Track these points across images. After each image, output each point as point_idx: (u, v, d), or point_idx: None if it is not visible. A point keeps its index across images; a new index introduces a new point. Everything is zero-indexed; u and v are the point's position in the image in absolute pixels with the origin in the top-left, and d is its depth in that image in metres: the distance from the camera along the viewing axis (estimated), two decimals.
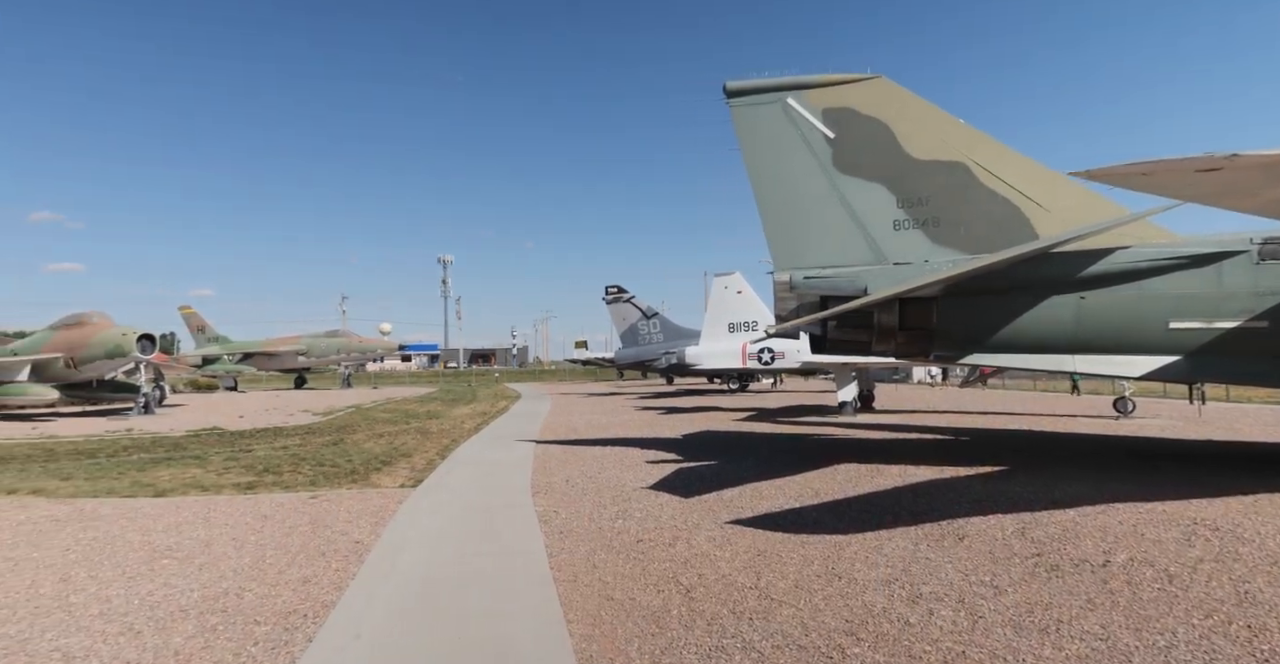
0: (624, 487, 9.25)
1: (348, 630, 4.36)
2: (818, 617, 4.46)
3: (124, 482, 9.73)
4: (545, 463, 11.56)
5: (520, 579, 5.46)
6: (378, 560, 5.94)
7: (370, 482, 9.75)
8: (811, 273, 9.59)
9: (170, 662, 3.91)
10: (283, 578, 5.45)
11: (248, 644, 4.14)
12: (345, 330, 50.24)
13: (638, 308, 36.02)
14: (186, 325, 50.29)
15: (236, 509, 8.00)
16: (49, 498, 8.75)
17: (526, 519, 7.54)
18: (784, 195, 9.85)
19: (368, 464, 11.17)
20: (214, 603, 4.86)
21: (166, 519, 7.48)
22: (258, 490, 9.16)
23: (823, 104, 9.59)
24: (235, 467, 10.96)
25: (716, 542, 6.40)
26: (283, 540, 6.60)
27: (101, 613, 4.66)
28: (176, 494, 8.92)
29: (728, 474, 10.03)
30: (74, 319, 24.59)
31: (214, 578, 5.43)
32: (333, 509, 7.98)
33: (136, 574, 5.53)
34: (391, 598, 5.00)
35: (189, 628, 4.40)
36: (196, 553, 6.15)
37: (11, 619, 4.56)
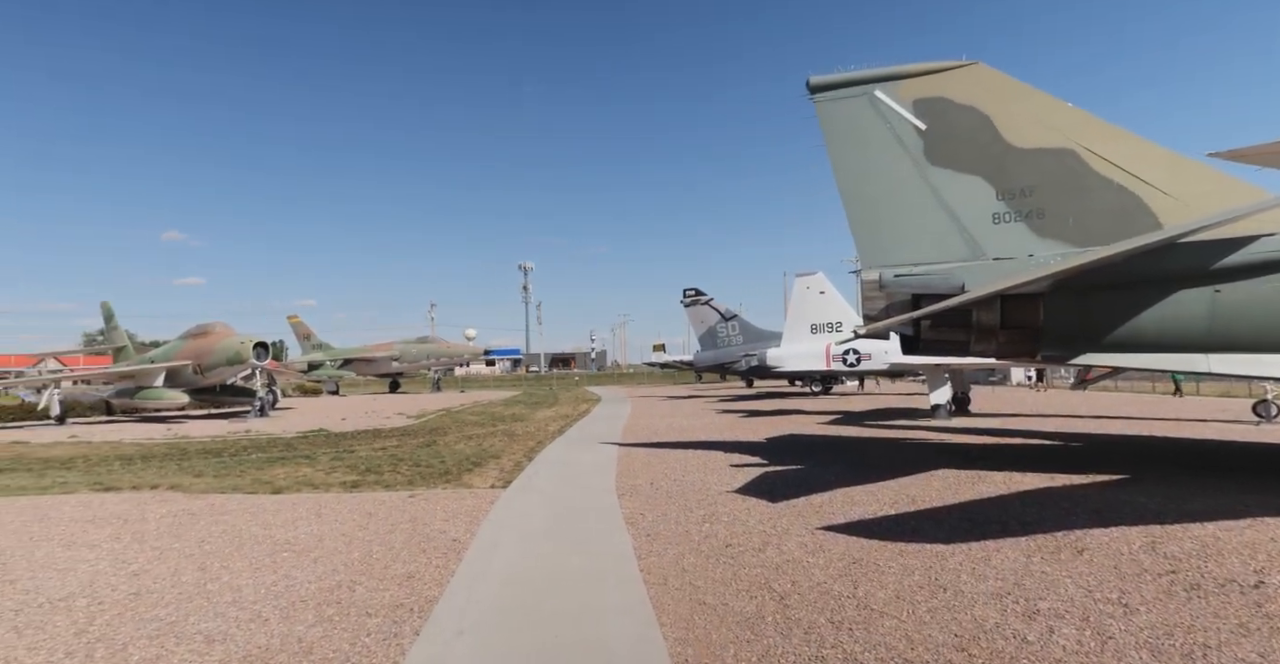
0: (709, 490, 9.17)
1: (451, 626, 4.53)
2: (923, 629, 4.24)
3: (246, 479, 10.54)
4: (629, 465, 11.64)
5: (611, 580, 5.51)
6: (474, 558, 6.15)
7: (463, 482, 10.13)
8: (902, 271, 9.19)
9: (295, 648, 4.19)
10: (389, 573, 5.73)
11: (361, 635, 4.38)
12: (434, 336, 52.65)
13: (716, 310, 35.76)
14: (294, 333, 54.12)
15: (344, 506, 8.50)
16: (185, 493, 9.61)
17: (614, 521, 7.60)
18: (872, 191, 9.48)
19: (460, 465, 11.61)
20: (329, 594, 5.18)
21: (284, 515, 8.04)
22: (362, 489, 9.69)
23: (913, 95, 9.17)
24: (341, 466, 11.65)
25: (808, 548, 6.22)
26: (386, 537, 6.94)
27: (234, 600, 5.06)
28: (291, 491, 9.57)
29: (816, 479, 9.76)
30: (200, 329, 27.01)
31: (328, 571, 5.78)
32: (430, 508, 8.34)
33: (261, 565, 5.96)
34: (489, 596, 5.16)
35: (309, 617, 4.70)
36: (311, 547, 6.57)
37: (161, 603, 5.02)
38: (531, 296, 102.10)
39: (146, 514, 8.20)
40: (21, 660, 4.05)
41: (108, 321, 33.48)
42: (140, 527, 7.53)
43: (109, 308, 33.03)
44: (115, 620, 4.68)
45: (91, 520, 7.89)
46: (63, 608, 4.95)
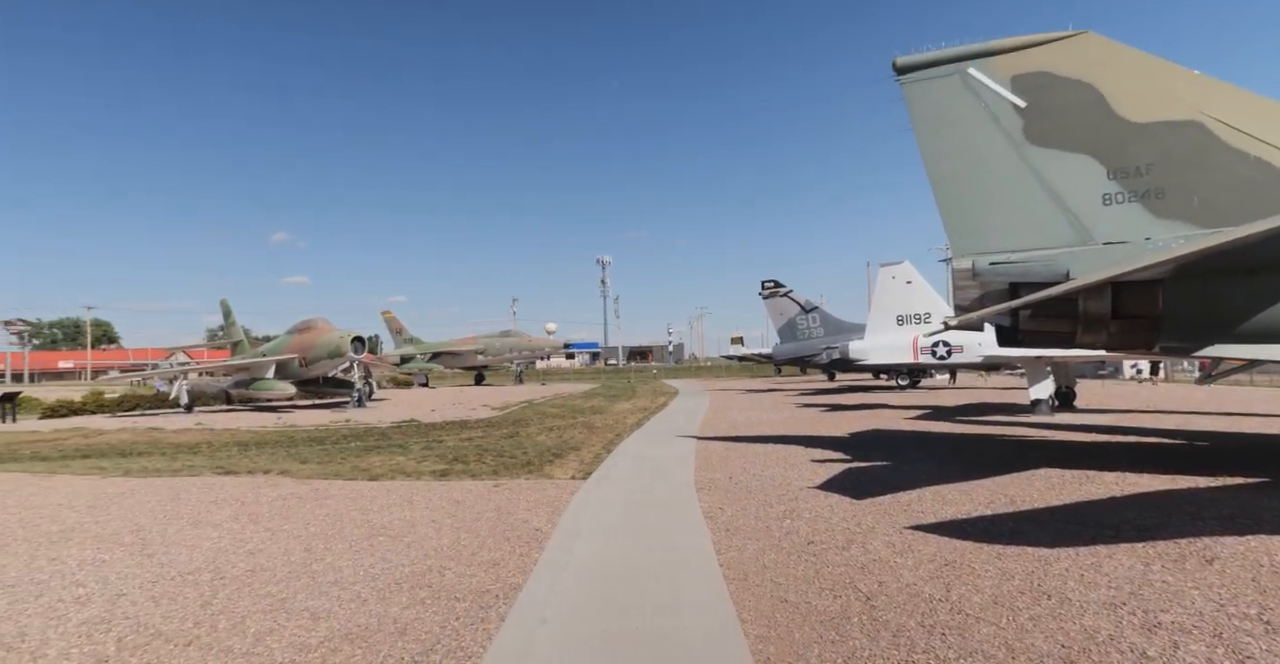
0: (789, 485, 8.98)
1: (534, 614, 4.64)
2: (1025, 638, 3.98)
3: (346, 466, 11.23)
4: (707, 459, 11.57)
5: (691, 575, 5.48)
6: (556, 548, 6.28)
7: (544, 473, 10.37)
8: (998, 258, 8.61)
9: (390, 627, 4.42)
10: (475, 559, 5.95)
11: (450, 618, 4.56)
12: (517, 331, 54.21)
13: (795, 302, 34.91)
14: (387, 328, 57.18)
15: (434, 494, 8.89)
16: (293, 478, 10.34)
17: (692, 515, 7.57)
18: (965, 175, 8.92)
19: (541, 456, 11.90)
20: (421, 578, 5.43)
21: (379, 501, 8.50)
22: (450, 478, 10.11)
23: (1012, 71, 8.53)
24: (430, 456, 12.20)
25: (896, 548, 5.97)
26: (473, 525, 7.21)
27: (336, 581, 5.39)
28: (386, 479, 10.11)
29: (903, 476, 9.36)
30: (304, 325, 29.00)
31: (420, 556, 6.07)
32: (513, 498, 8.59)
33: (359, 548, 6.33)
34: (571, 585, 5.25)
35: (403, 599, 4.95)
36: (404, 532, 6.91)
37: (273, 580, 5.43)
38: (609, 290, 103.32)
39: (260, 497, 8.89)
40: (158, 627, 4.47)
41: (226, 318, 36.56)
42: (255, 508, 8.17)
43: (227, 305, 36.04)
44: (235, 594, 5.09)
45: (214, 501, 8.63)
46: (191, 581, 5.44)
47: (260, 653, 4.06)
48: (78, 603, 4.96)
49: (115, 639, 4.28)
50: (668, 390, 36.62)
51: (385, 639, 4.23)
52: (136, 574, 5.63)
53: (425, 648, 4.10)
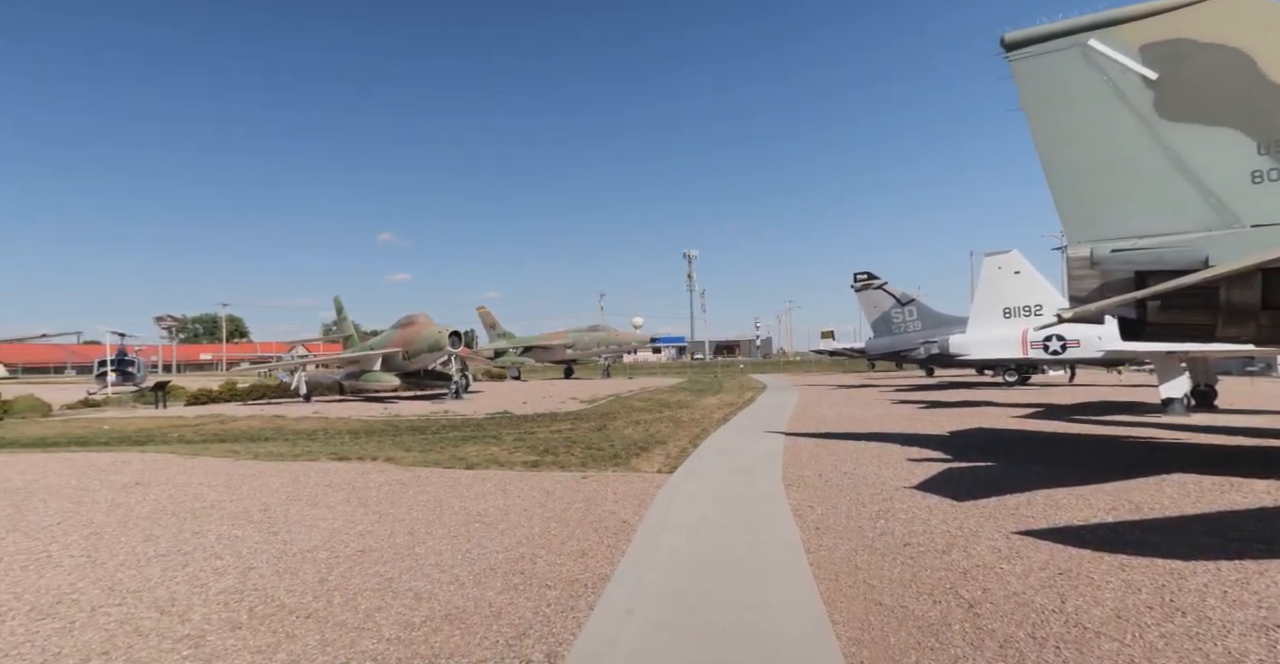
0: (884, 484, 8.62)
1: (622, 604, 4.70)
2: (1155, 658, 3.62)
3: (444, 455, 11.82)
4: (796, 455, 11.31)
5: (779, 572, 5.38)
6: (643, 540, 6.34)
7: (631, 466, 10.49)
8: (1122, 245, 7.84)
9: (486, 610, 4.61)
10: (565, 548, 6.10)
11: (542, 605, 4.70)
12: (604, 325, 55.13)
13: (890, 294, 33.42)
14: (482, 323, 59.71)
15: (525, 484, 9.20)
16: (397, 465, 11.00)
17: (780, 512, 7.42)
18: (1084, 156, 8.17)
19: (628, 449, 12.03)
20: (514, 565, 5.63)
21: (475, 488, 8.89)
22: (540, 468, 10.42)
23: (1142, 39, 7.71)
24: (522, 447, 12.63)
25: (1002, 553, 5.60)
26: (562, 514, 7.39)
27: (437, 564, 5.69)
28: (481, 468, 10.56)
29: (1010, 478, 8.77)
30: (406, 320, 30.78)
31: (513, 543, 6.29)
32: (601, 489, 8.75)
33: (457, 534, 6.64)
34: (658, 578, 5.28)
35: (498, 584, 5.15)
36: (498, 520, 7.19)
37: (381, 561, 5.80)
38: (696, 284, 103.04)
39: (369, 482, 9.51)
40: (282, 600, 4.89)
41: (339, 313, 39.39)
42: (364, 493, 8.75)
43: (339, 302, 38.85)
44: (347, 573, 5.48)
45: (329, 485, 9.32)
46: (309, 558, 5.90)
47: (370, 628, 4.34)
48: (216, 573, 5.50)
49: (247, 608, 4.71)
50: (755, 385, 36.08)
51: (481, 622, 4.42)
52: (264, 549, 6.18)
53: (518, 632, 4.24)
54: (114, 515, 7.65)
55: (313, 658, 3.93)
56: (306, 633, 4.28)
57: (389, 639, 4.17)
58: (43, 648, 4.10)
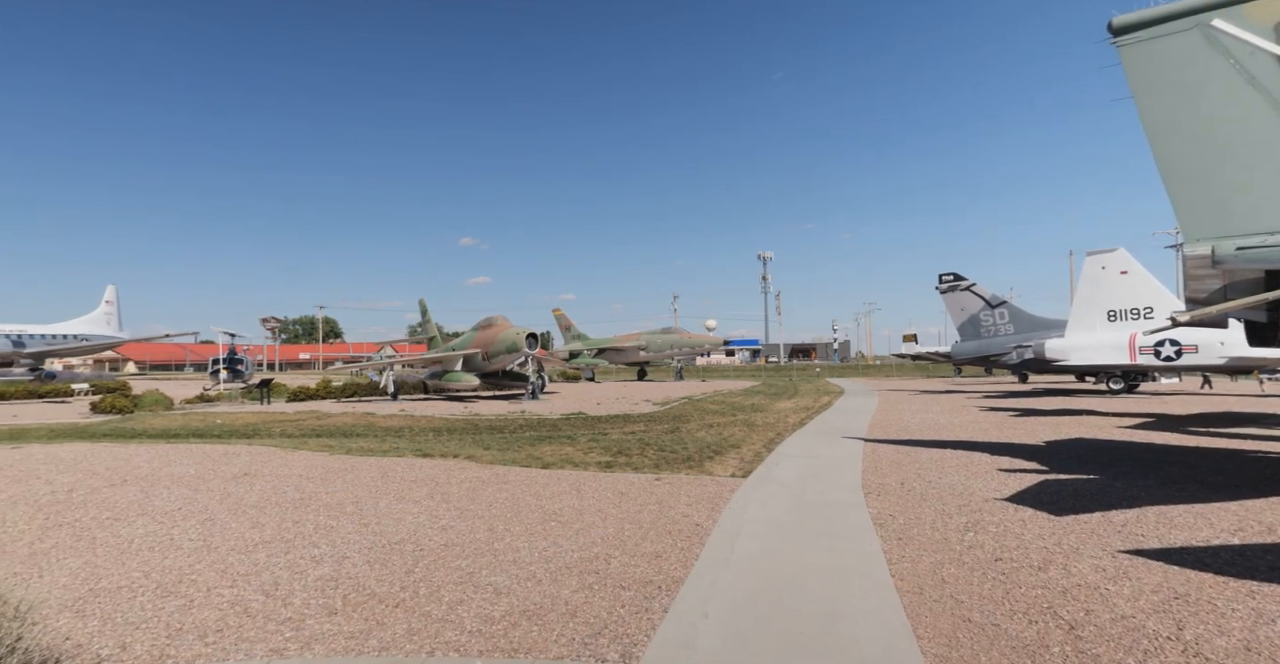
0: (971, 495, 8.18)
1: (697, 608, 4.68)
2: None
3: (521, 454, 12.13)
4: (875, 462, 10.91)
5: (860, 582, 5.20)
6: (717, 544, 6.28)
7: (704, 469, 10.42)
8: (1250, 242, 7.11)
9: (563, 609, 4.70)
10: (639, 550, 6.13)
11: (617, 605, 4.74)
12: (677, 327, 55.09)
13: (979, 296, 31.71)
14: (557, 325, 60.96)
15: (599, 484, 9.31)
16: (477, 462, 11.39)
17: (860, 520, 7.18)
18: (1206, 145, 7.46)
19: (701, 452, 11.97)
20: (589, 564, 5.70)
21: (550, 488, 9.08)
22: (614, 469, 10.52)
23: (1276, 17, 7.00)
24: (596, 447, 12.79)
25: (1108, 573, 5.20)
26: (636, 516, 7.43)
27: (515, 560, 5.84)
28: (556, 467, 10.77)
29: (1116, 493, 8.13)
30: (486, 322, 31.84)
31: (588, 543, 6.38)
32: (674, 492, 8.74)
33: (534, 532, 6.80)
34: (733, 583, 5.22)
35: (573, 583, 5.24)
36: (573, 519, 7.31)
37: (462, 556, 6.02)
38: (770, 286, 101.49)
39: (450, 478, 9.89)
40: (373, 589, 5.15)
41: (423, 315, 41.23)
42: (446, 489, 9.11)
43: (424, 304, 40.64)
44: (432, 566, 5.72)
45: (415, 480, 9.76)
46: (397, 550, 6.19)
47: (453, 620, 4.51)
48: (314, 561, 5.87)
49: (341, 596, 5.00)
50: (832, 389, 35.10)
51: (558, 619, 4.50)
52: (356, 540, 6.54)
53: (593, 631, 4.30)
54: (225, 503, 8.29)
55: (401, 645, 4.12)
56: (395, 621, 4.49)
57: (470, 631, 4.32)
58: (167, 623, 4.49)
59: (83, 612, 4.69)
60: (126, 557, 6.05)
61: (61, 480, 9.92)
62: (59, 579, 5.41)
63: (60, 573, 5.58)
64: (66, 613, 4.66)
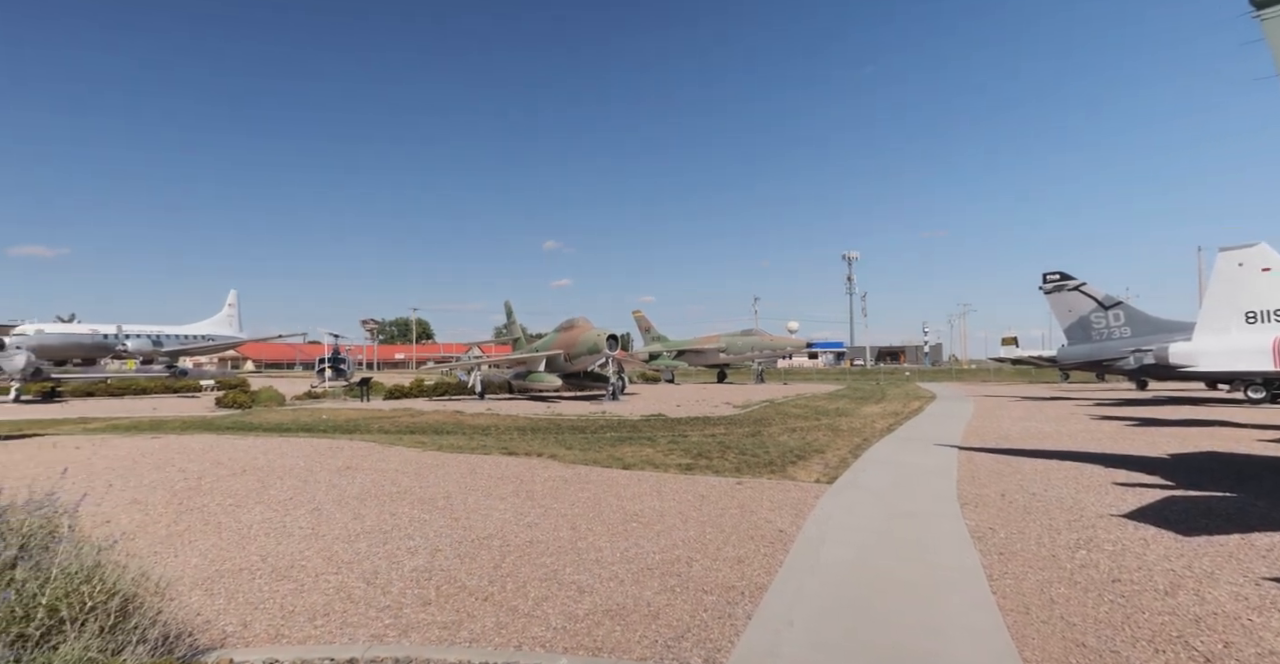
0: (1083, 510, 7.57)
1: (781, 615, 4.56)
2: None
3: (603, 454, 12.28)
4: (972, 472, 10.31)
5: (957, 598, 4.91)
6: (802, 551, 6.11)
7: (787, 474, 10.18)
8: None
9: (645, 610, 4.71)
10: (721, 554, 6.06)
11: (699, 609, 4.70)
12: (758, 329, 54.26)
13: (1090, 296, 29.33)
14: (637, 327, 61.39)
15: (680, 486, 9.28)
16: (560, 462, 11.63)
17: (955, 532, 6.80)
18: None
19: (784, 456, 11.70)
20: (671, 567, 5.69)
21: (631, 489, 9.13)
22: (694, 472, 10.47)
23: None
24: (676, 449, 12.77)
25: (1250, 602, 4.67)
26: (717, 520, 7.36)
27: (597, 560, 5.91)
28: (637, 469, 10.83)
29: (1258, 513, 7.30)
30: (568, 324, 32.52)
31: (669, 545, 6.37)
32: (756, 496, 8.58)
33: (615, 532, 6.86)
34: (818, 591, 5.06)
35: (655, 585, 5.24)
36: (654, 521, 7.32)
37: (546, 553, 6.15)
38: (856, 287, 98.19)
39: (535, 476, 10.15)
40: (463, 581, 5.35)
41: (509, 317, 42.60)
42: (531, 487, 9.35)
43: (510, 306, 41.99)
44: (517, 562, 5.88)
45: (501, 478, 10.08)
46: (485, 545, 6.41)
47: (539, 616, 4.61)
48: (409, 553, 6.17)
49: (434, 587, 5.22)
50: (923, 394, 33.50)
51: (640, 620, 4.51)
52: (447, 534, 6.82)
53: (676, 634, 4.27)
54: (330, 494, 8.86)
55: (490, 638, 4.25)
56: (484, 614, 4.64)
57: (555, 628, 4.40)
58: (280, 605, 4.84)
59: (211, 590, 5.14)
60: (246, 541, 6.58)
61: (192, 469, 10.92)
62: (190, 559, 5.95)
63: (191, 554, 6.14)
64: (197, 591, 5.11)
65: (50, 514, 3.86)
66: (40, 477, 9.47)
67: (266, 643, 4.18)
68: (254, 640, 4.21)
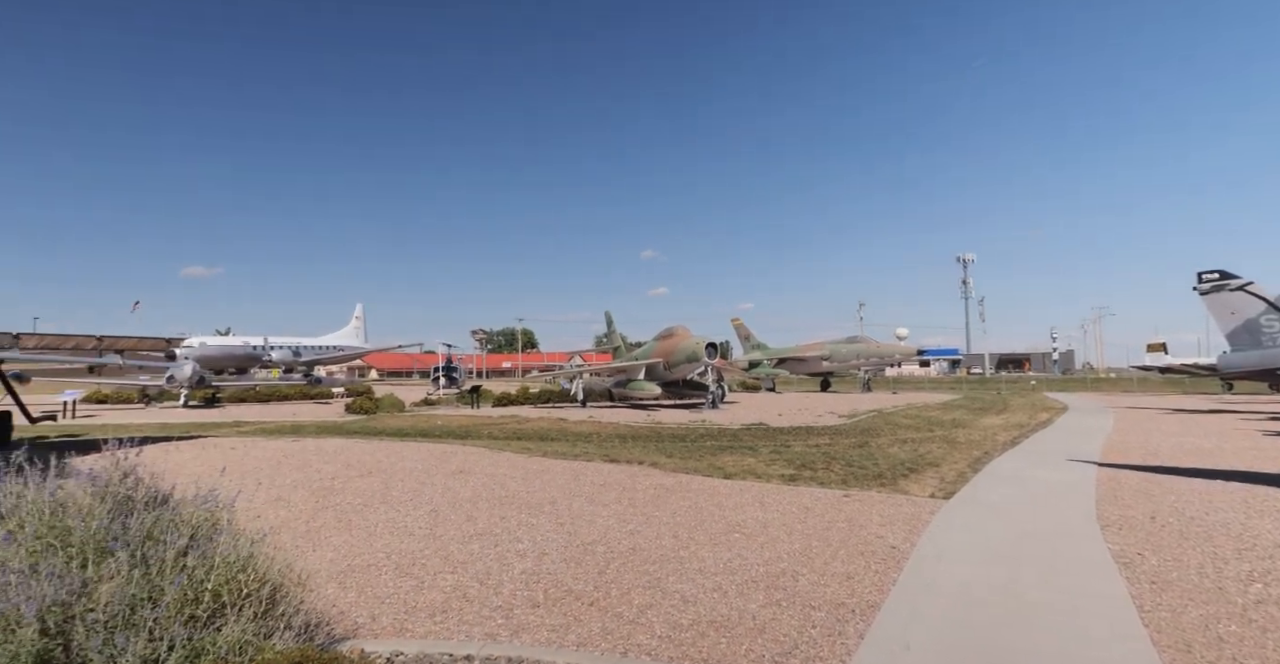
0: (1258, 538, 6.66)
1: (897, 637, 4.32)
2: None
3: (703, 463, 12.21)
4: (1114, 490, 9.33)
5: (1098, 628, 4.45)
6: (917, 570, 5.78)
7: (898, 487, 9.67)
8: None
9: (750, 623, 4.61)
10: (828, 569, 5.84)
11: (807, 626, 4.55)
12: (863, 336, 52.12)
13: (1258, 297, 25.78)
14: (736, 335, 60.72)
15: (783, 498, 9.04)
16: (660, 470, 11.67)
17: (1095, 556, 6.18)
18: None
19: (894, 469, 11.14)
20: (775, 580, 5.55)
21: (733, 499, 9.01)
22: (798, 483, 10.17)
23: None
24: (779, 459, 12.47)
25: None
26: (823, 533, 7.10)
27: (699, 570, 5.87)
28: (738, 478, 10.66)
29: None
30: (667, 332, 32.70)
31: (773, 557, 6.22)
32: (865, 510, 8.21)
33: (718, 542, 6.78)
34: (937, 614, 4.75)
35: (760, 597, 5.12)
36: (757, 532, 7.17)
37: (649, 561, 6.18)
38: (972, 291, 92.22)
39: (636, 484, 10.24)
40: (570, 586, 5.49)
41: (609, 326, 43.46)
42: (632, 494, 9.44)
43: (609, 315, 42.85)
44: (621, 568, 5.94)
45: (603, 484, 10.26)
46: (590, 550, 6.53)
47: (644, 623, 4.64)
48: (518, 555, 6.40)
49: (543, 590, 5.38)
50: (1052, 405, 30.80)
51: (746, 633, 4.43)
52: (554, 538, 7.01)
53: (784, 650, 4.16)
54: (446, 497, 9.37)
55: (596, 643, 4.32)
56: (590, 619, 4.73)
57: (660, 637, 4.40)
58: (403, 601, 5.17)
59: (344, 584, 5.57)
60: (373, 539, 7.08)
61: (326, 470, 11.92)
62: (326, 554, 6.49)
63: (327, 549, 6.68)
64: (332, 584, 5.56)
65: (213, 508, 4.34)
66: (203, 474, 10.68)
67: (392, 636, 4.46)
68: (381, 633, 4.52)
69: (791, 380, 56.26)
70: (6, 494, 3.94)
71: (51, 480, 4.13)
